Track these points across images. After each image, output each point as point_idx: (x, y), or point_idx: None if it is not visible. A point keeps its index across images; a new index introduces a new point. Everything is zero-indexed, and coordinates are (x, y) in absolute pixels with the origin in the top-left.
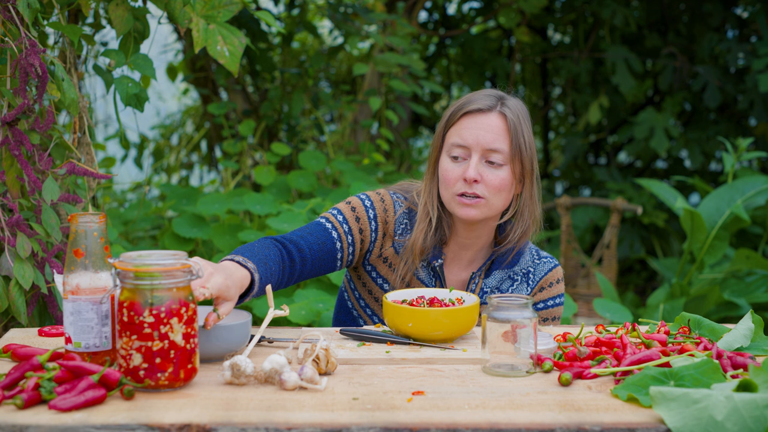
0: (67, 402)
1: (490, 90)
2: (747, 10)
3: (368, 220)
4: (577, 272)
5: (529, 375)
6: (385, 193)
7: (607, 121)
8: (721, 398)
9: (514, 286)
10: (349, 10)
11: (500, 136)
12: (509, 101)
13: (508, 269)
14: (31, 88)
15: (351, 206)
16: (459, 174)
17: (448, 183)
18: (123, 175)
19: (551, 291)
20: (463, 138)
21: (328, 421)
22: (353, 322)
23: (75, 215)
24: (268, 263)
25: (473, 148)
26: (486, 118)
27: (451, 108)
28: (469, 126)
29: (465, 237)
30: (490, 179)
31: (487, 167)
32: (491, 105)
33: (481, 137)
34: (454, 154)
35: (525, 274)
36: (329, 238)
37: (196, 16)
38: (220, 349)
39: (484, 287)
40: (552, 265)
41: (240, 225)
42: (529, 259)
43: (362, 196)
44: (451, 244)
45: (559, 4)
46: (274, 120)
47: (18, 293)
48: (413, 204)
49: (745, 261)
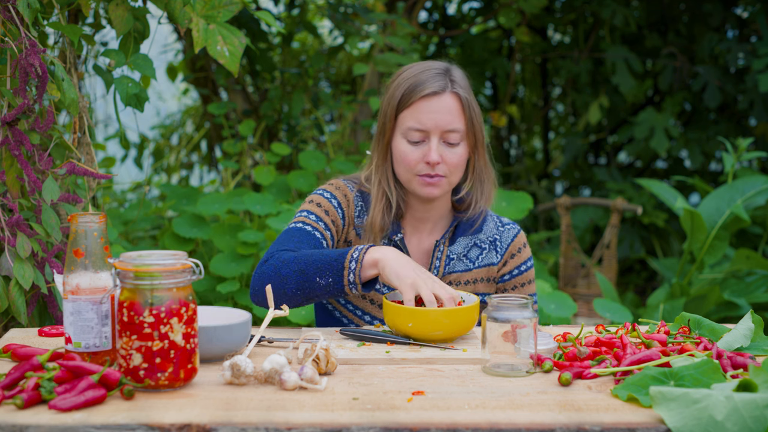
0: (67, 402)
1: (432, 63)
2: (747, 10)
3: (335, 209)
4: (577, 272)
5: (529, 375)
6: (337, 181)
7: (607, 121)
8: (721, 398)
9: (483, 254)
10: (349, 10)
11: (456, 117)
12: (455, 75)
13: (473, 236)
14: (31, 88)
15: (315, 203)
16: (419, 157)
17: (409, 165)
18: (123, 175)
19: (521, 256)
20: (421, 123)
21: (328, 421)
22: (329, 315)
23: (75, 215)
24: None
25: (432, 131)
26: (441, 100)
27: (399, 88)
28: (425, 110)
29: (422, 211)
30: (450, 158)
31: (445, 147)
32: (444, 86)
33: (439, 120)
34: (413, 139)
35: (492, 241)
36: (317, 240)
37: (196, 16)
38: (220, 349)
39: (450, 254)
40: (516, 230)
41: (240, 225)
42: (492, 226)
43: (319, 191)
44: (408, 218)
45: (559, 4)
46: (274, 120)
47: (18, 293)
48: (363, 186)
49: (745, 261)
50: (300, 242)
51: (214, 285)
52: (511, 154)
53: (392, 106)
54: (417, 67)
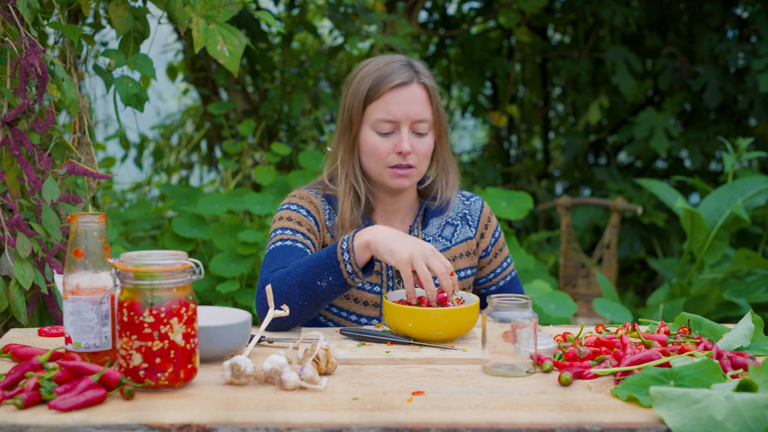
0: (67, 402)
1: (394, 56)
2: (747, 10)
3: (306, 218)
4: (577, 272)
5: (529, 375)
6: (299, 192)
7: (607, 121)
8: (721, 398)
9: (457, 230)
10: (349, 10)
11: (425, 107)
12: (418, 66)
13: (441, 215)
14: (31, 88)
15: (286, 219)
16: (390, 148)
17: (379, 157)
18: (123, 175)
19: (492, 225)
20: (392, 113)
21: (328, 421)
22: (313, 321)
23: (75, 215)
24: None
25: (402, 121)
26: (409, 90)
27: (364, 82)
28: (395, 101)
29: (391, 203)
30: (419, 148)
31: (415, 137)
32: (411, 76)
33: (409, 110)
34: (383, 130)
35: (462, 216)
36: (301, 251)
37: (196, 16)
38: (220, 349)
39: (425, 237)
40: (480, 201)
41: (240, 225)
42: (458, 202)
43: (284, 206)
44: (378, 211)
45: (559, 4)
46: (274, 120)
47: (18, 293)
48: (328, 189)
49: (745, 261)
50: (286, 258)
51: (214, 285)
52: (511, 154)
53: (359, 100)
54: (379, 61)
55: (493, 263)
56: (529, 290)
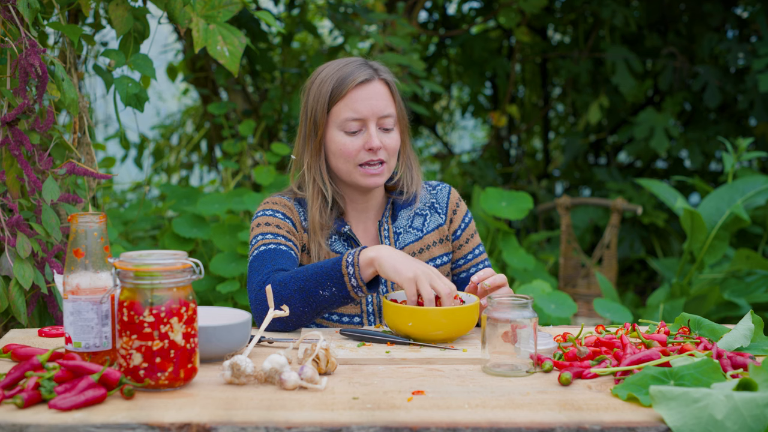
0: (67, 401)
1: (351, 59)
2: (747, 10)
3: (284, 220)
4: (577, 272)
5: (529, 375)
6: (271, 198)
7: (607, 121)
8: (721, 397)
9: (428, 219)
10: (349, 10)
11: (389, 102)
12: (376, 64)
13: (410, 207)
14: (31, 88)
15: (264, 224)
16: (359, 145)
17: (349, 156)
18: (123, 175)
19: (461, 209)
20: (358, 111)
21: (328, 420)
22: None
23: (75, 215)
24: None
25: (369, 118)
26: (372, 87)
27: (325, 84)
28: (359, 98)
29: (362, 202)
30: (388, 143)
31: (382, 133)
32: (371, 74)
33: (374, 106)
34: (351, 129)
35: (430, 206)
36: (286, 253)
37: (196, 16)
38: (220, 349)
39: (396, 229)
40: (447, 188)
41: (240, 225)
42: (425, 193)
43: (259, 214)
44: (350, 211)
45: (559, 4)
46: (274, 120)
47: (18, 293)
48: (297, 194)
49: (745, 261)
50: (274, 260)
51: (214, 285)
52: (511, 154)
53: (322, 102)
54: (336, 63)
55: (463, 249)
56: (529, 290)
